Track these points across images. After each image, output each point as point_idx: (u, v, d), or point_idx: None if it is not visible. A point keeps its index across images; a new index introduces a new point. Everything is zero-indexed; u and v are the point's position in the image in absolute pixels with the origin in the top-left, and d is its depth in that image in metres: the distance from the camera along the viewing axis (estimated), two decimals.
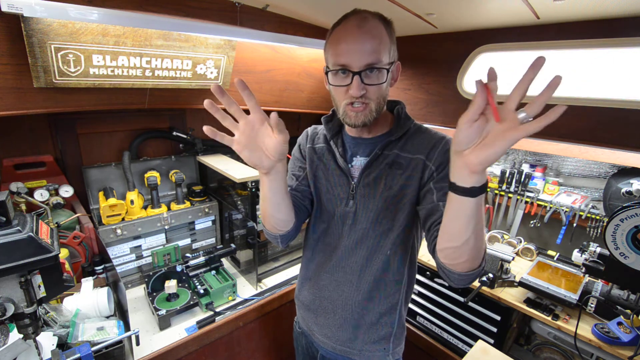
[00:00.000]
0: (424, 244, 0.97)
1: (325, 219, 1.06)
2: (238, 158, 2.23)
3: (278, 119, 0.72)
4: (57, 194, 1.67)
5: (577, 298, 1.47)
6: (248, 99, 0.71)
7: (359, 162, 1.01)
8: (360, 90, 0.83)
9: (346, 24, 0.84)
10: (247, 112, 0.76)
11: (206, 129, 0.71)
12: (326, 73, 0.91)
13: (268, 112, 0.74)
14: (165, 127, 2.08)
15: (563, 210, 1.89)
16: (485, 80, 0.59)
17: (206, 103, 0.70)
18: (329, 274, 1.06)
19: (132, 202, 1.77)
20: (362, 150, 1.01)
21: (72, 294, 1.38)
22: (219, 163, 1.99)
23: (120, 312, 1.46)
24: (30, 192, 1.59)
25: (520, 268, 1.81)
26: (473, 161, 0.61)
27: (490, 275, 1.62)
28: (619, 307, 1.44)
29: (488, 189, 2.19)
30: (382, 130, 1.00)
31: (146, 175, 1.86)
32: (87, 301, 1.36)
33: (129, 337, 1.29)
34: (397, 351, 1.09)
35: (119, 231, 1.69)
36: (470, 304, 1.74)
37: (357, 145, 1.02)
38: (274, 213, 0.96)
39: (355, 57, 0.82)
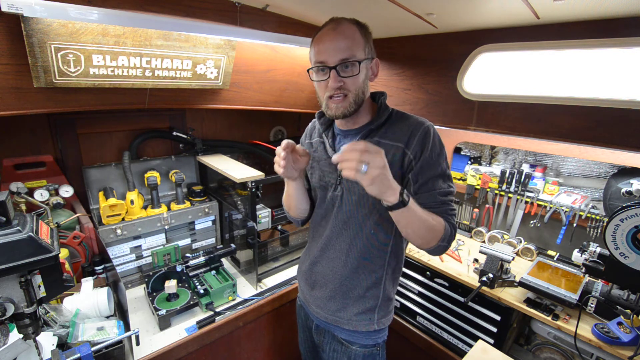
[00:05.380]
0: None
1: (320, 205, 1.19)
2: (237, 158, 2.23)
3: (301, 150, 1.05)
4: (57, 194, 1.67)
5: (577, 298, 1.47)
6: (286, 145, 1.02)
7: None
8: (337, 82, 0.95)
9: (324, 28, 0.98)
10: None
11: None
12: (308, 71, 1.03)
13: (268, 112, 0.77)
14: (165, 127, 2.08)
15: (563, 210, 1.89)
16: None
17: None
18: (322, 252, 1.19)
19: (132, 202, 1.77)
20: (348, 140, 1.10)
21: (72, 294, 1.38)
22: (219, 163, 1.99)
23: (120, 312, 1.46)
24: (30, 192, 1.59)
25: (520, 268, 1.81)
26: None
27: (490, 275, 1.62)
28: (619, 307, 1.43)
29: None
30: (366, 120, 1.09)
31: (146, 175, 1.86)
32: (87, 301, 1.36)
33: (129, 337, 1.29)
34: (382, 321, 1.18)
35: (119, 231, 1.69)
36: (470, 304, 1.73)
37: (345, 135, 1.12)
38: (298, 205, 1.21)
39: (331, 54, 0.94)
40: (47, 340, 1.14)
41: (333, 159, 0.83)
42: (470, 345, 1.77)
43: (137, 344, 1.26)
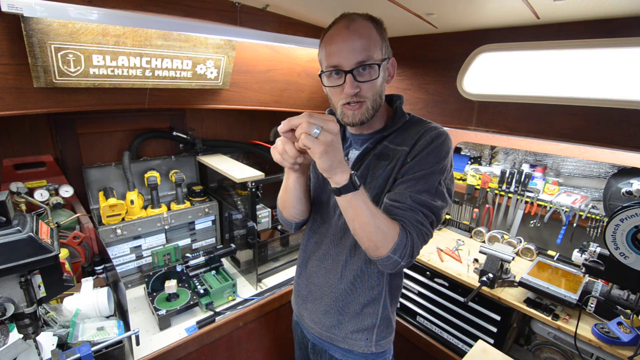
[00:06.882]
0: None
1: (321, 210, 1.10)
2: (237, 158, 2.23)
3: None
4: (57, 194, 1.67)
5: (577, 298, 1.47)
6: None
7: (354, 155, 1.05)
8: (354, 88, 0.86)
9: (335, 26, 0.88)
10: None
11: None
12: (320, 75, 0.94)
13: (268, 112, 0.76)
14: (165, 127, 2.08)
15: (563, 210, 1.89)
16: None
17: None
18: (319, 261, 1.11)
19: (132, 202, 1.77)
20: (359, 144, 1.04)
21: (72, 294, 1.38)
22: (219, 163, 1.99)
23: (120, 312, 1.46)
24: (30, 192, 1.59)
25: (520, 268, 1.81)
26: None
27: (490, 275, 1.62)
28: (619, 307, 1.44)
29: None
30: (380, 125, 1.02)
31: (146, 175, 1.86)
32: (87, 301, 1.36)
33: (129, 337, 1.29)
34: (381, 344, 1.09)
35: (119, 231, 1.69)
36: (470, 304, 1.74)
37: (356, 140, 1.05)
38: (295, 204, 1.05)
39: (346, 56, 0.85)
40: (47, 340, 1.14)
41: (279, 129, 0.75)
42: (470, 345, 1.77)
43: (137, 344, 1.26)
